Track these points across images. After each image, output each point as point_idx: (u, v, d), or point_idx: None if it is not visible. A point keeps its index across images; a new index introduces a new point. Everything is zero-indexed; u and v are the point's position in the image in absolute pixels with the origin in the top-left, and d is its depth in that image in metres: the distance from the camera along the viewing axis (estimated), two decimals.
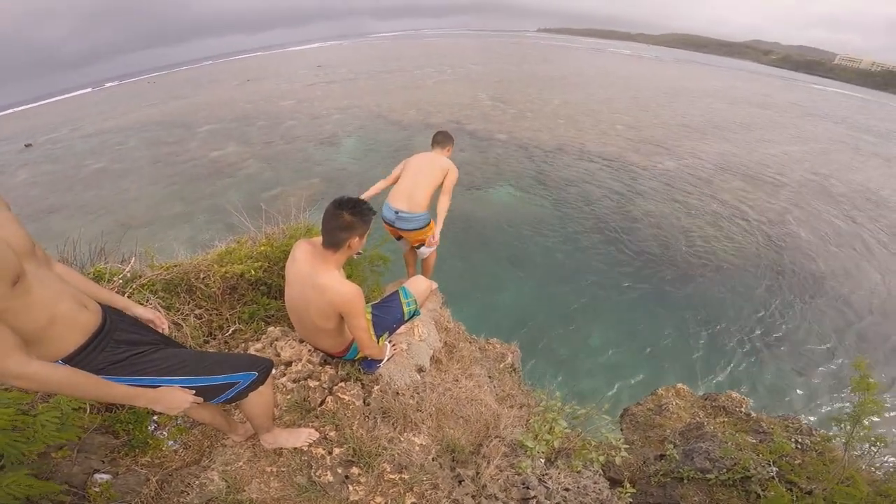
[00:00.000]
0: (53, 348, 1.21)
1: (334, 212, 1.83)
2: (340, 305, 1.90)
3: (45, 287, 1.19)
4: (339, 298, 1.88)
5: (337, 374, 2.41)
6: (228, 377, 1.56)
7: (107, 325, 1.34)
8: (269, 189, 20.78)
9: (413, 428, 2.29)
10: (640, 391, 9.36)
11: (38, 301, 1.15)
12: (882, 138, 40.87)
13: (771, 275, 16.06)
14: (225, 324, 2.82)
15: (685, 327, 13.20)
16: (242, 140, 28.87)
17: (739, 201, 22.08)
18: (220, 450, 2.08)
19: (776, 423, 3.57)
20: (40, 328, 1.15)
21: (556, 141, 29.06)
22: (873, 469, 2.79)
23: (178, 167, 25.19)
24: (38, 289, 1.15)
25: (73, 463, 1.86)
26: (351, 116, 33.85)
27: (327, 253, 1.89)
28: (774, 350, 12.61)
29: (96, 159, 27.24)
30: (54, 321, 1.19)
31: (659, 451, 3.53)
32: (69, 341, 1.23)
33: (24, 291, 1.10)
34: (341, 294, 1.87)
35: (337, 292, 1.87)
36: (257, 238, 3.24)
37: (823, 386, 11.51)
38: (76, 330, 1.25)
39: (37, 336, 1.15)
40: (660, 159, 27.24)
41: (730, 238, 18.42)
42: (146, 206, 20.53)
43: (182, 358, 1.50)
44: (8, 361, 1.05)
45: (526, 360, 4.75)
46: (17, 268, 1.08)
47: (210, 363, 1.55)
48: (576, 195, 21.48)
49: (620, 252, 16.76)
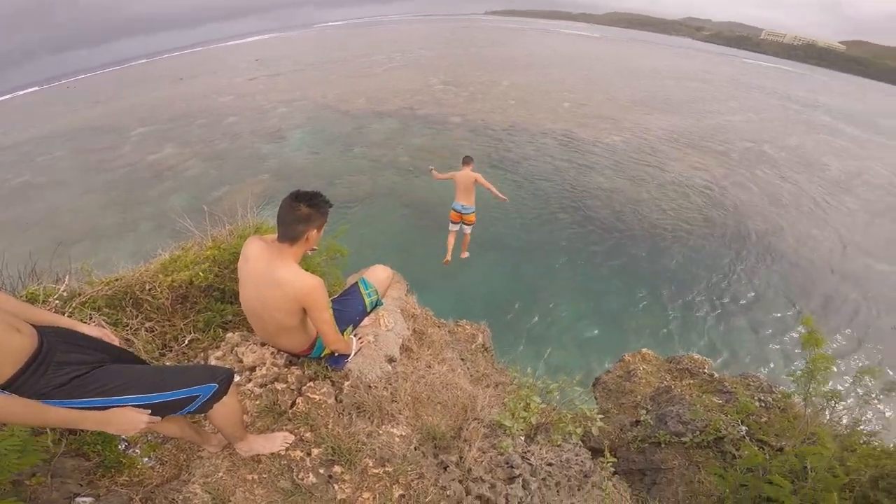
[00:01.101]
0: None
1: (291, 204, 1.79)
2: (302, 299, 1.83)
3: None
4: (301, 291, 1.81)
5: (304, 374, 2.33)
6: (187, 391, 1.48)
7: (44, 348, 1.26)
8: (214, 190, 19.76)
9: (390, 419, 2.27)
10: (610, 359, 9.78)
11: None
12: (807, 106, 44.23)
13: (722, 238, 17.12)
14: (180, 334, 2.67)
15: (645, 294, 13.86)
16: (181, 141, 27.14)
17: (687, 170, 23.29)
18: (197, 462, 2.02)
19: (738, 383, 3.71)
20: None
21: (509, 121, 29.36)
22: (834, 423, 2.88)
23: (113, 174, 23.39)
24: None
25: (50, 489, 1.80)
26: (297, 109, 32.55)
27: (284, 247, 1.82)
28: (730, 310, 13.47)
29: (17, 173, 24.80)
30: None
31: (634, 418, 3.62)
32: (4, 369, 1.17)
33: None
34: (303, 287, 1.81)
35: (298, 286, 1.80)
36: (203, 242, 3.06)
37: (782, 344, 12.33)
38: (9, 356, 1.18)
39: None
40: (608, 134, 28.18)
41: (681, 206, 19.46)
42: (82, 219, 18.98)
43: (135, 375, 1.42)
44: None
45: (497, 338, 4.82)
46: None
47: (166, 378, 1.47)
48: (531, 172, 21.88)
49: (578, 225, 17.31)
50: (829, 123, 37.57)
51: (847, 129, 36.38)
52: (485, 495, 2.03)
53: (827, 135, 33.62)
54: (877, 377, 2.38)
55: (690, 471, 2.97)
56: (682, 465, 3.04)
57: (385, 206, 18.24)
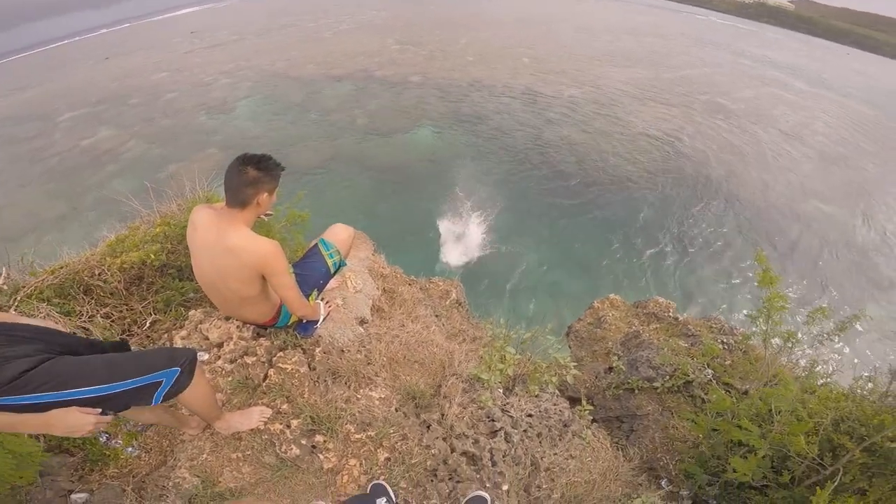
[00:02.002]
0: None
1: (238, 168, 1.71)
2: (259, 264, 1.75)
3: None
4: (256, 257, 1.73)
5: (273, 344, 2.27)
6: (148, 378, 1.40)
7: None
8: (160, 169, 18.57)
9: (368, 383, 2.24)
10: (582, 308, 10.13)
11: None
12: (758, 62, 45.10)
13: (684, 186, 17.76)
14: (139, 318, 2.56)
15: (613, 241, 14.34)
16: (116, 122, 25.08)
17: (649, 121, 23.69)
18: (181, 447, 2.00)
19: (701, 325, 3.79)
20: None
21: (469, 78, 28.73)
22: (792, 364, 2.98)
23: (47, 163, 21.54)
24: None
25: (43, 489, 1.79)
26: (241, 79, 30.49)
27: (234, 212, 1.73)
28: (693, 255, 14.16)
29: None
30: None
31: (607, 364, 3.64)
32: None
33: None
34: (257, 251, 1.72)
35: (252, 251, 1.72)
36: (152, 220, 2.89)
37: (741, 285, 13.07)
38: None
39: None
40: (568, 88, 28.05)
41: (644, 156, 19.90)
42: (20, 213, 17.56)
43: (89, 365, 1.33)
44: None
45: (469, 292, 4.85)
46: None
47: (123, 366, 1.38)
48: (494, 128, 21.74)
49: (545, 177, 17.51)
50: (779, 78, 38.59)
51: (796, 83, 37.53)
52: (469, 451, 2.05)
53: (778, 88, 34.69)
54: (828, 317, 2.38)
55: (665, 416, 3.03)
56: (657, 411, 3.10)
57: (347, 170, 17.80)
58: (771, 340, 2.50)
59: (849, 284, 13.89)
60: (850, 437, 1.87)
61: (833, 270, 14.40)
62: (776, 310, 2.37)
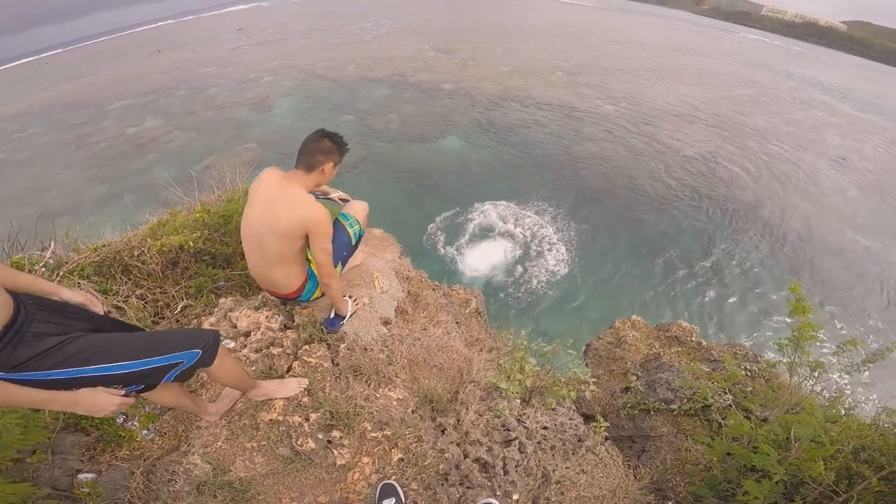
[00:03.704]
0: None
1: (317, 137, 1.94)
2: (309, 223, 1.89)
3: None
4: (308, 214, 1.89)
5: (300, 337, 2.30)
6: (168, 358, 1.42)
7: (20, 318, 1.20)
8: (200, 160, 19.26)
9: (387, 383, 2.26)
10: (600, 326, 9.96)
11: None
12: (805, 84, 43.61)
13: (715, 209, 17.16)
14: (172, 301, 2.63)
15: (637, 262, 14.00)
16: (162, 113, 26.23)
17: (683, 141, 23.10)
18: (196, 432, 2.01)
19: (725, 351, 3.74)
20: None
21: (501, 88, 28.73)
22: (816, 393, 2.90)
23: (93, 149, 22.65)
24: None
25: (52, 466, 1.80)
26: (283, 77, 31.43)
27: (299, 174, 1.92)
28: (721, 280, 13.67)
29: None
30: None
31: (624, 384, 3.64)
32: None
33: None
34: (310, 210, 1.89)
35: (306, 208, 1.89)
36: (192, 206, 2.99)
37: (770, 314, 12.56)
38: None
39: None
40: (600, 103, 27.69)
41: (677, 176, 19.39)
42: (64, 194, 18.51)
43: (112, 343, 1.35)
44: None
45: (488, 303, 4.84)
46: None
47: (145, 345, 1.41)
48: (523, 140, 21.62)
49: (571, 192, 17.26)
50: (828, 101, 37.19)
51: (845, 107, 36.11)
52: (482, 458, 2.05)
53: (826, 112, 33.43)
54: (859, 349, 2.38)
55: (679, 438, 3.01)
56: (671, 433, 3.09)
57: (376, 172, 18.02)
58: (797, 369, 2.49)
59: (883, 320, 13.16)
60: (869, 465, 1.85)
61: (869, 305, 13.68)
62: (806, 339, 2.37)
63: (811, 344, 2.40)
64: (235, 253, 2.90)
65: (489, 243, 14.09)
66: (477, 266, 13.09)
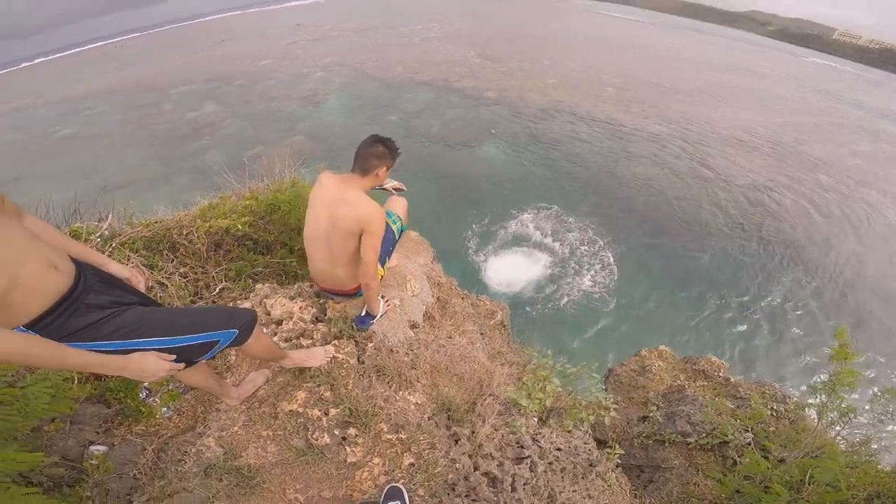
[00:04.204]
0: (14, 314, 1.11)
1: (372, 142, 2.05)
2: (365, 220, 1.99)
3: (10, 246, 1.09)
4: (365, 212, 1.99)
5: (329, 331, 2.32)
6: (207, 335, 1.46)
7: (79, 288, 1.23)
8: (250, 148, 20.14)
9: (408, 386, 2.25)
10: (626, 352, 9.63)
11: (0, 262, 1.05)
12: (875, 115, 40.52)
13: (760, 243, 16.34)
14: (212, 282, 2.73)
15: (671, 290, 13.50)
16: (220, 100, 27.65)
17: (734, 168, 22.14)
18: (214, 415, 2.03)
19: (753, 389, 3.65)
20: None
21: (546, 100, 28.50)
22: (842, 439, 2.84)
23: (154, 129, 24.15)
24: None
25: (67, 436, 1.81)
26: (334, 74, 32.46)
27: (355, 177, 2.05)
28: (757, 318, 12.99)
29: (65, 126, 25.90)
30: (16, 285, 1.07)
31: (642, 413, 3.59)
32: (32, 307, 1.13)
33: None
34: (367, 208, 2.00)
35: (363, 207, 2.00)
36: (241, 193, 3.11)
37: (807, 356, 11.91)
38: (41, 294, 1.14)
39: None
40: (650, 123, 26.95)
41: (714, 202, 18.58)
42: (122, 170, 19.78)
43: (157, 318, 1.39)
44: None
45: (513, 316, 4.80)
46: None
47: (187, 322, 1.43)
48: (564, 154, 21.35)
49: (610, 213, 16.84)
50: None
51: None
52: (492, 472, 2.02)
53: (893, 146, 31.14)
54: None
55: (689, 472, 2.96)
56: (682, 466, 3.04)
57: (414, 175, 18.22)
58: (827, 413, 2.48)
59: None
60: None
61: None
62: (843, 384, 2.36)
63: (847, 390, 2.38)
64: (276, 241, 3.00)
65: (521, 255, 13.96)
66: (506, 277, 12.98)
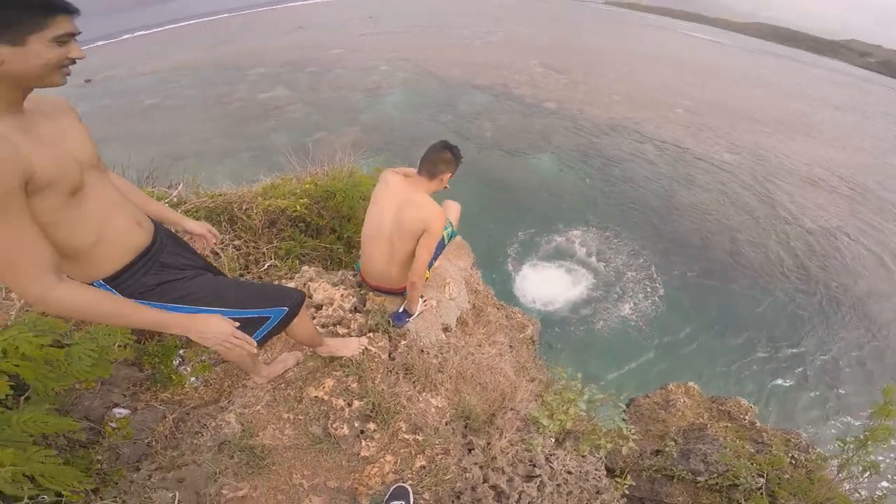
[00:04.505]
0: (97, 267, 1.12)
1: (441, 148, 2.11)
2: (427, 221, 2.06)
3: (102, 200, 1.11)
4: (429, 213, 2.07)
5: (366, 323, 2.36)
6: (262, 311, 1.46)
7: (155, 246, 1.25)
8: (312, 133, 20.97)
9: (432, 389, 2.26)
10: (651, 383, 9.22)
11: (92, 215, 1.07)
12: None
13: (816, 291, 15.06)
14: (261, 258, 2.85)
15: (711, 328, 12.73)
16: (290, 85, 29.01)
17: (803, 207, 20.55)
18: (240, 391, 2.03)
19: (778, 436, 3.61)
20: (87, 246, 1.07)
21: (609, 116, 27.67)
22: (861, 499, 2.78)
23: (228, 107, 25.70)
24: (93, 202, 1.07)
25: (95, 395, 1.82)
26: (398, 69, 33.19)
27: (422, 180, 2.12)
28: (798, 369, 12.03)
29: (151, 96, 28.07)
30: (102, 239, 1.10)
31: (657, 447, 3.56)
32: (114, 261, 1.14)
33: (78, 203, 1.03)
34: (431, 210, 2.08)
35: (428, 208, 2.08)
36: (301, 177, 3.25)
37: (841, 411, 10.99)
38: (123, 250, 1.16)
39: (81, 253, 1.07)
40: (719, 150, 25.50)
41: (778, 243, 17.30)
42: (194, 141, 21.17)
43: (223, 288, 1.39)
44: (32, 284, 0.93)
45: (542, 332, 4.73)
46: (78, 181, 1.01)
47: (249, 295, 1.43)
48: (621, 174, 20.65)
49: (657, 239, 16.12)
50: None
51: None
52: (500, 487, 2.00)
53: None
54: None
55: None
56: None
57: (461, 178, 18.18)
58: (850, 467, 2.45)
59: None
60: None
61: None
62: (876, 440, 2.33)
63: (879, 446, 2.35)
64: (327, 226, 3.11)
65: (561, 272, 13.61)
66: (541, 292, 12.70)
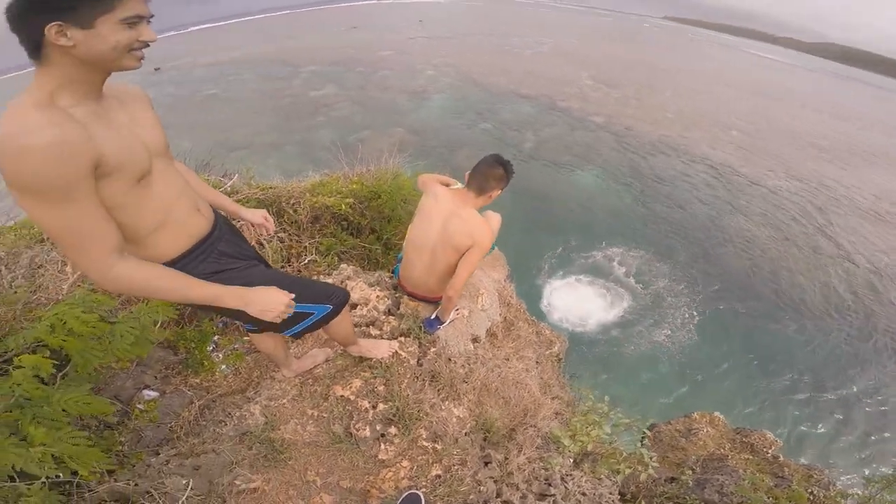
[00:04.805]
0: (157, 252, 1.14)
1: (494, 163, 2.03)
2: (475, 235, 2.03)
3: (168, 187, 1.13)
4: (477, 228, 2.03)
5: (398, 326, 2.37)
6: (307, 306, 1.46)
7: (214, 234, 1.26)
8: (357, 132, 21.50)
9: (456, 398, 2.25)
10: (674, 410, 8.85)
11: (157, 201, 1.10)
12: None
13: (866, 333, 14.04)
14: (303, 252, 2.94)
15: (744, 360, 12.14)
16: (340, 83, 29.94)
17: (851, 242, 19.23)
18: (267, 382, 2.03)
19: (800, 472, 3.51)
20: (150, 230, 1.10)
21: (658, 134, 26.93)
22: None
23: (280, 101, 26.81)
24: (159, 188, 1.10)
25: (128, 376, 1.83)
26: (443, 74, 33.61)
27: (470, 195, 2.05)
28: (842, 414, 11.31)
29: (211, 87, 29.71)
30: (165, 225, 1.12)
31: (672, 475, 3.44)
32: (174, 247, 1.16)
33: (145, 188, 1.06)
34: (480, 225, 2.04)
35: (476, 223, 2.04)
36: (348, 176, 3.35)
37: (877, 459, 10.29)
38: (184, 236, 1.18)
39: (144, 237, 1.10)
40: (773, 176, 24.19)
41: (829, 281, 16.19)
42: (246, 132, 22.18)
43: (272, 279, 1.37)
44: (96, 264, 0.96)
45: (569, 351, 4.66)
46: (146, 167, 1.04)
47: (297, 289, 1.40)
48: (666, 194, 20.03)
49: (697, 265, 15.46)
50: None
51: None
52: (512, 502, 1.97)
53: None
54: None
55: None
56: None
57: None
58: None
59: None
60: None
61: None
62: None
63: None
64: (367, 226, 3.18)
65: (595, 291, 13.29)
66: (573, 310, 12.43)
